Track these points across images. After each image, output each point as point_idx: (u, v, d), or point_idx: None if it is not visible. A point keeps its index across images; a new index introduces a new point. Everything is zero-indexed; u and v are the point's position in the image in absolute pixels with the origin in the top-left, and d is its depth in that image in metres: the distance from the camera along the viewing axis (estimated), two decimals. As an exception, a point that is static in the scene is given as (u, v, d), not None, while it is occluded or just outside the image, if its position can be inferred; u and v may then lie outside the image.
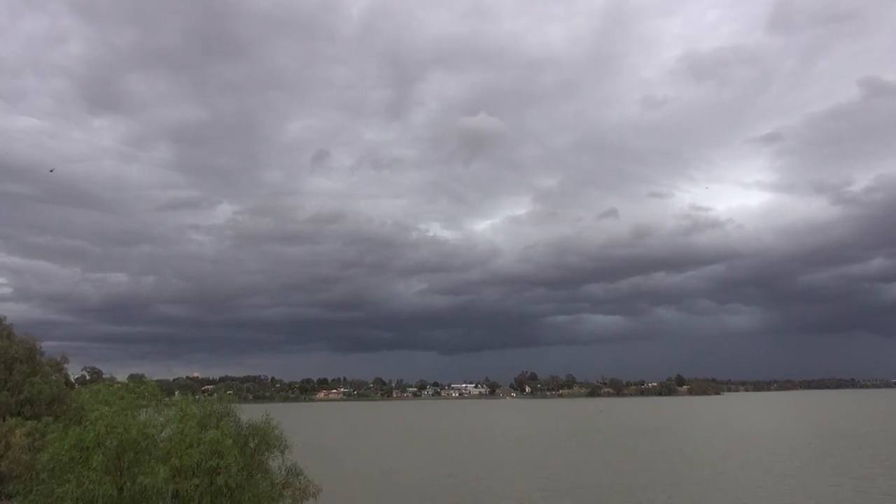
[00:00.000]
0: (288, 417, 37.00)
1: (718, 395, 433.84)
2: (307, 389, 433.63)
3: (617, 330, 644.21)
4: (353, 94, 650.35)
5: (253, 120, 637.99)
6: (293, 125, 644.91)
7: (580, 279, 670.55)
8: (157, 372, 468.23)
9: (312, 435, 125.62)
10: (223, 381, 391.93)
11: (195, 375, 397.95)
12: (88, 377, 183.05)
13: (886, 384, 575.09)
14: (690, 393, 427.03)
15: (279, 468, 27.90)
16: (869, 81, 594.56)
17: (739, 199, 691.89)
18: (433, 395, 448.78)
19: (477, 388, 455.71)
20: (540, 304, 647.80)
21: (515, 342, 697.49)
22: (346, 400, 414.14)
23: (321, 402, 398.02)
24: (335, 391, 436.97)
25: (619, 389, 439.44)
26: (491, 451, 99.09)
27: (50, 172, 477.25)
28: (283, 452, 27.86)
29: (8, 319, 41.78)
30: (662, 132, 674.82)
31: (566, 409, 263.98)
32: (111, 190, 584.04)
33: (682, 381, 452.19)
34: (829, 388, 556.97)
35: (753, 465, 75.09)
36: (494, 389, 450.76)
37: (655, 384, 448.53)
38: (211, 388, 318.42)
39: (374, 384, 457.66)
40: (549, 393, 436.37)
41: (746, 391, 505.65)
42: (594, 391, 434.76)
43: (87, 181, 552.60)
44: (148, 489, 22.35)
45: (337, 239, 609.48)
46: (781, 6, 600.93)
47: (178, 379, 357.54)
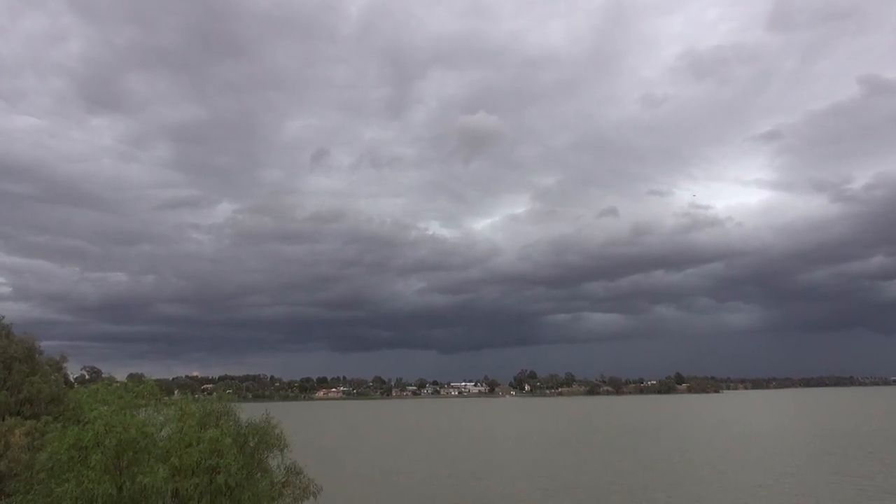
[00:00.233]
0: (287, 416, 36.98)
1: (717, 393, 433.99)
2: (306, 388, 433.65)
3: (616, 328, 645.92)
4: (352, 93, 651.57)
5: (252, 119, 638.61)
6: (293, 124, 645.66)
7: (580, 278, 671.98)
8: (156, 371, 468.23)
9: (312, 434, 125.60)
10: (222, 380, 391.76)
11: (194, 374, 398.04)
12: (88, 376, 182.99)
13: (885, 382, 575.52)
14: (690, 391, 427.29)
15: (279, 467, 27.85)
16: (869, 79, 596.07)
17: (739, 197, 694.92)
18: (432, 393, 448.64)
19: (476, 386, 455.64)
20: (539, 302, 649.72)
21: (515, 341, 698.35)
22: (345, 399, 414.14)
23: (320, 401, 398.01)
24: (334, 390, 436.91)
25: (618, 388, 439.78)
26: (490, 450, 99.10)
27: None
28: (282, 451, 27.80)
29: (7, 319, 41.66)
30: (662, 130, 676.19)
31: (565, 407, 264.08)
32: (111, 189, 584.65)
33: (681, 379, 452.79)
34: (828, 385, 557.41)
35: (753, 463, 75.11)
36: (494, 388, 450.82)
37: (655, 382, 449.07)
38: (210, 387, 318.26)
39: (373, 383, 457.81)
40: (548, 391, 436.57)
41: (745, 389, 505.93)
42: (593, 389, 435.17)
43: (86, 181, 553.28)
44: (147, 488, 22.30)
45: (336, 238, 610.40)
46: (781, 4, 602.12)
47: (177, 378, 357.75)
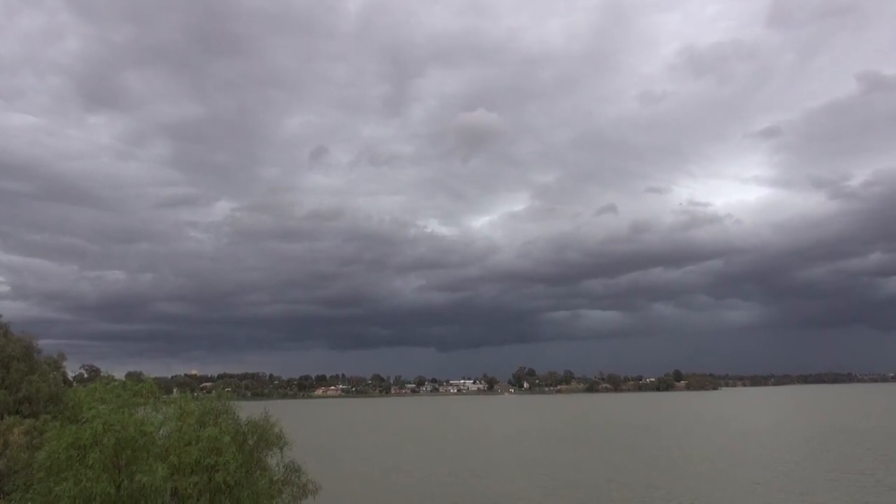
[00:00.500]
0: (286, 414, 36.94)
1: (716, 390, 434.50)
2: (305, 386, 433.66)
3: (615, 325, 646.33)
4: (351, 90, 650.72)
5: (251, 117, 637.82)
6: (291, 122, 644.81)
7: (578, 275, 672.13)
8: (155, 369, 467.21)
9: (311, 432, 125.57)
10: (221, 378, 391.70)
11: (193, 373, 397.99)
12: (86, 375, 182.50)
13: (884, 378, 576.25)
14: (688, 388, 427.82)
15: (278, 465, 27.81)
16: (868, 76, 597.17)
17: (738, 194, 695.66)
18: (431, 391, 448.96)
19: (475, 384, 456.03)
20: (538, 300, 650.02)
21: (514, 338, 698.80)
22: (344, 397, 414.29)
23: (319, 399, 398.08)
24: (333, 388, 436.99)
25: (616, 385, 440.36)
26: (489, 448, 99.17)
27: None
28: (281, 449, 27.75)
29: (5, 317, 41.72)
30: (661, 128, 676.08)
31: (564, 404, 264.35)
32: (109, 187, 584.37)
33: (679, 376, 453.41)
34: (826, 382, 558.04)
35: (751, 460, 75.20)
36: (492, 385, 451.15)
37: (653, 379, 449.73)
38: (209, 385, 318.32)
39: (372, 381, 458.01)
40: (547, 388, 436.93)
41: (744, 386, 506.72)
42: (592, 387, 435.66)
43: (84, 179, 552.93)
44: (146, 487, 22.25)
45: (335, 236, 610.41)
46: (781, 0, 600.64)
47: (176, 376, 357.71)
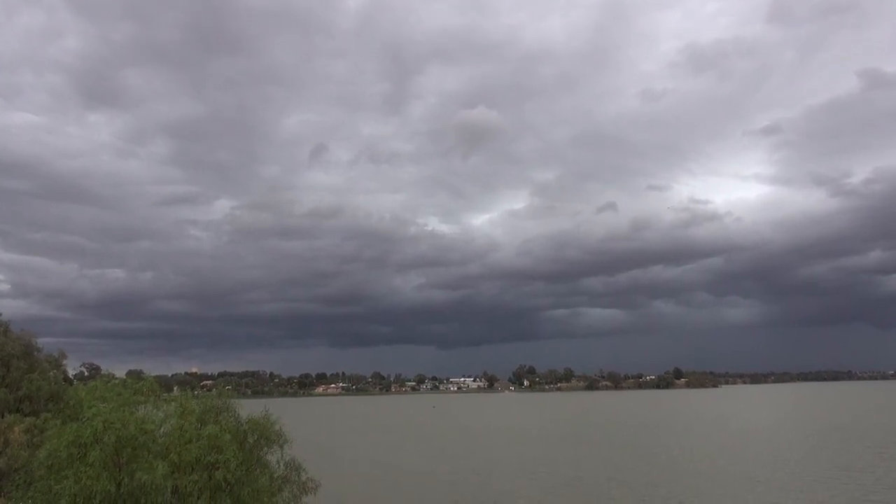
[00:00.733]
0: (286, 412, 36.93)
1: (716, 388, 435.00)
2: (305, 384, 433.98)
3: (615, 323, 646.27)
4: (351, 88, 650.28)
5: (250, 115, 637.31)
6: (291, 120, 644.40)
7: (578, 273, 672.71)
8: (155, 368, 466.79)
9: (311, 429, 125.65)
10: (221, 376, 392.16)
11: (193, 371, 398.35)
12: (87, 373, 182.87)
13: (883, 376, 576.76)
14: (688, 386, 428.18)
15: (278, 463, 27.82)
16: (868, 73, 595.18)
17: (738, 191, 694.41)
18: (431, 389, 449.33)
19: (475, 381, 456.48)
20: (538, 297, 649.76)
21: (514, 336, 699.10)
22: (344, 394, 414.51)
23: (319, 396, 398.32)
24: (333, 386, 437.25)
25: (617, 382, 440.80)
26: (490, 446, 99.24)
27: None
28: (282, 447, 27.75)
29: (5, 315, 41.67)
30: (661, 125, 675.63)
31: (564, 402, 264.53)
32: (109, 186, 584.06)
33: (679, 374, 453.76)
34: (825, 380, 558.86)
35: (752, 458, 75.28)
36: (493, 383, 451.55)
37: (653, 377, 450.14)
38: (209, 383, 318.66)
39: (372, 379, 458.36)
40: (547, 386, 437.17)
41: (744, 384, 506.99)
42: (592, 384, 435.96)
43: (84, 177, 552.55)
44: (146, 485, 22.26)
45: (335, 234, 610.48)
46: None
47: (176, 375, 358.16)
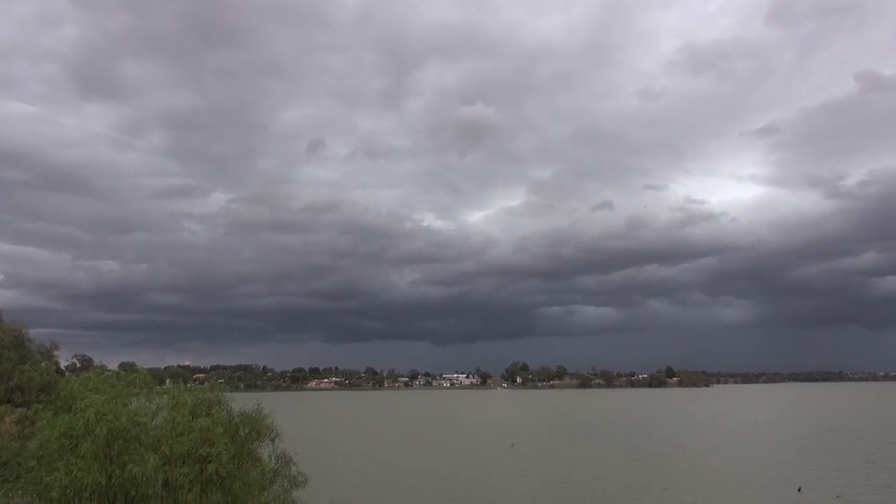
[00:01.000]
0: (279, 406, 36.99)
1: (708, 387, 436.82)
2: (298, 379, 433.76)
3: (609, 322, 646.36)
4: (349, 82, 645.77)
5: (248, 108, 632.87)
6: (288, 113, 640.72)
7: (574, 271, 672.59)
8: (149, 360, 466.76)
9: (303, 424, 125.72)
10: (214, 369, 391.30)
11: (186, 364, 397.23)
12: (79, 365, 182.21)
13: (874, 377, 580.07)
14: (680, 385, 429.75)
15: (270, 457, 27.88)
16: (866, 75, 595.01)
17: (734, 192, 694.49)
18: (424, 385, 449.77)
19: (468, 378, 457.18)
20: (533, 295, 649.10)
21: (508, 333, 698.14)
22: (337, 389, 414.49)
23: (312, 391, 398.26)
24: (326, 381, 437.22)
25: (609, 381, 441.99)
26: (483, 442, 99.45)
27: None
28: (273, 441, 27.82)
29: (-4, 306, 41.55)
30: (660, 124, 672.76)
31: (556, 400, 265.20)
32: (104, 177, 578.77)
33: (672, 373, 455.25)
34: (817, 380, 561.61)
35: (744, 457, 75.69)
36: (486, 380, 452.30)
37: (646, 376, 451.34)
38: (202, 376, 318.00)
39: (365, 374, 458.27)
40: (539, 384, 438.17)
41: (735, 384, 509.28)
42: (585, 382, 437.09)
43: (80, 168, 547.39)
44: (137, 477, 22.28)
45: (331, 228, 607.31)
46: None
47: (168, 367, 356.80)
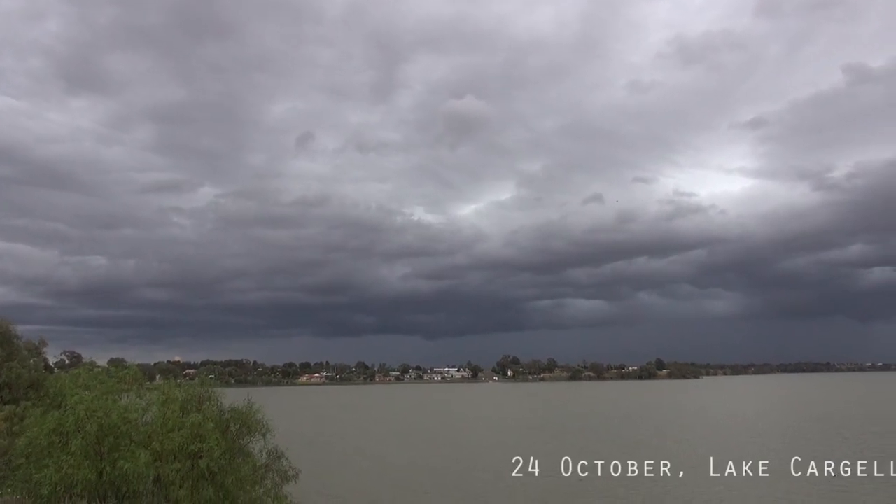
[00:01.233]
0: (270, 401, 36.97)
1: (697, 378, 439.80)
2: (289, 374, 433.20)
3: (599, 314, 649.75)
4: (338, 76, 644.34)
5: (236, 101, 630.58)
6: (277, 107, 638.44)
7: (564, 264, 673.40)
8: (139, 356, 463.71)
9: (294, 418, 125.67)
10: (204, 365, 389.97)
11: (176, 360, 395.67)
12: (68, 361, 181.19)
13: (860, 368, 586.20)
14: (670, 377, 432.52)
15: (261, 452, 27.88)
16: (853, 68, 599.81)
17: (723, 184, 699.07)
18: (415, 379, 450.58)
19: (459, 372, 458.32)
20: (524, 288, 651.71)
21: (499, 326, 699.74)
22: (328, 384, 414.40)
23: (303, 386, 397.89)
24: (317, 375, 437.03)
25: (599, 373, 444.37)
26: (473, 435, 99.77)
27: None
28: (264, 436, 27.83)
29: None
30: (649, 117, 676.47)
31: (547, 392, 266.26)
32: (91, 172, 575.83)
33: (661, 365, 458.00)
34: (805, 371, 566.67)
35: (734, 448, 76.28)
36: (476, 373, 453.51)
37: (636, 368, 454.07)
38: (192, 372, 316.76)
39: (356, 368, 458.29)
40: (530, 377, 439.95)
41: (725, 375, 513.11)
42: (575, 375, 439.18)
43: (66, 163, 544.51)
44: (128, 473, 22.24)
45: (321, 223, 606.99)
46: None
47: (158, 363, 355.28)
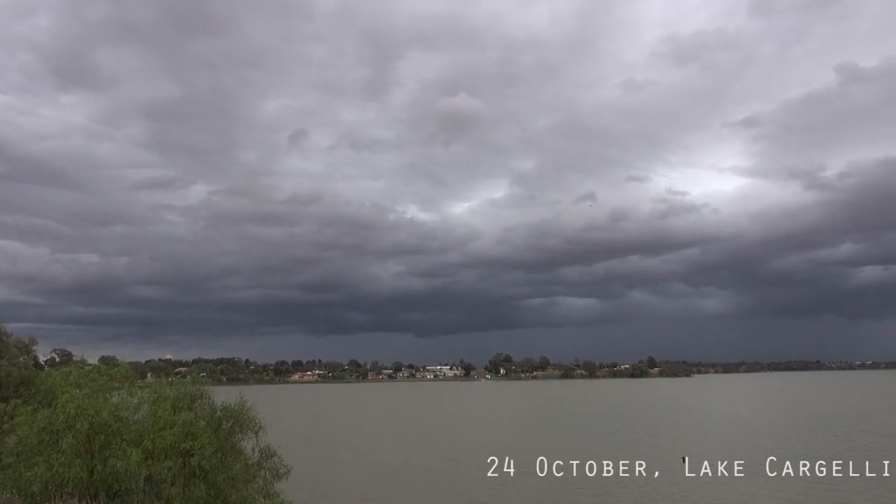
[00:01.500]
0: (262, 400, 36.93)
1: (689, 377, 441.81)
2: (282, 372, 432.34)
3: (592, 313, 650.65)
4: (331, 73, 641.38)
5: (229, 98, 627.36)
6: (270, 104, 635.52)
7: (557, 262, 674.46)
8: (130, 354, 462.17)
9: (286, 416, 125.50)
10: (196, 363, 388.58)
11: (168, 358, 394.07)
12: (58, 359, 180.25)
13: (850, 366, 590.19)
14: (661, 375, 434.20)
15: (253, 450, 27.87)
16: (845, 67, 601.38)
17: (715, 183, 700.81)
18: (408, 377, 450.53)
19: (452, 370, 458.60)
20: (517, 286, 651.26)
21: (491, 325, 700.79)
22: (320, 382, 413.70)
23: (295, 384, 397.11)
24: (310, 373, 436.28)
25: (592, 371, 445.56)
26: (466, 433, 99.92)
27: None
28: (256, 434, 27.82)
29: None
30: (642, 116, 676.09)
31: (540, 390, 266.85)
32: (82, 169, 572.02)
33: (653, 363, 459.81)
34: (795, 370, 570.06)
35: (726, 446, 76.73)
36: (469, 371, 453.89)
37: (628, 366, 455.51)
38: (184, 370, 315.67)
39: (349, 366, 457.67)
40: (522, 375, 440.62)
41: (716, 373, 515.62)
42: (567, 373, 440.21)
43: (57, 159, 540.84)
44: (120, 472, 22.19)
45: (314, 220, 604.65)
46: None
47: (150, 361, 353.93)
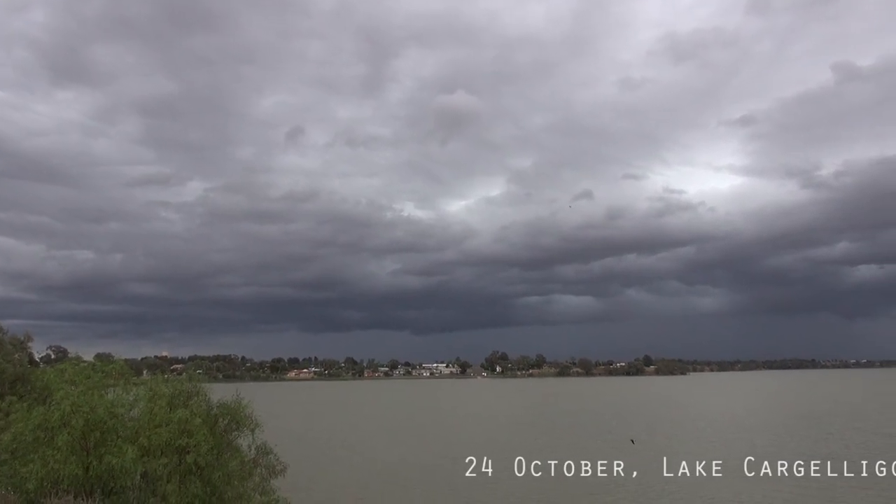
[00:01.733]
0: (258, 397, 36.90)
1: (684, 375, 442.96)
2: (278, 369, 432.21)
3: (588, 311, 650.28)
4: (327, 69, 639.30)
5: (225, 94, 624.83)
6: (266, 100, 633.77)
7: (553, 260, 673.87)
8: (126, 351, 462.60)
9: (283, 414, 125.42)
10: (192, 360, 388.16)
11: (163, 355, 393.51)
12: (53, 356, 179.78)
13: (845, 364, 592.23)
14: (657, 373, 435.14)
15: (249, 447, 27.81)
16: (842, 66, 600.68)
17: (711, 181, 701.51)
18: (404, 374, 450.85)
19: (448, 367, 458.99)
20: (513, 284, 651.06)
21: (488, 322, 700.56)
22: (316, 379, 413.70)
23: (291, 381, 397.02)
24: (306, 371, 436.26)
25: (588, 369, 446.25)
26: (462, 431, 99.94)
27: None
28: (252, 431, 27.75)
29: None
30: (639, 114, 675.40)
31: (536, 388, 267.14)
32: (78, 165, 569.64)
33: (649, 361, 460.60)
34: (790, 368, 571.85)
35: (722, 444, 76.91)
36: (465, 369, 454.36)
37: (624, 364, 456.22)
38: (180, 367, 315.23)
39: (345, 364, 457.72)
40: (519, 373, 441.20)
41: (712, 371, 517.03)
42: (564, 371, 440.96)
43: (52, 156, 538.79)
44: (115, 469, 22.13)
45: (310, 218, 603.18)
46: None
47: (146, 358, 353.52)
